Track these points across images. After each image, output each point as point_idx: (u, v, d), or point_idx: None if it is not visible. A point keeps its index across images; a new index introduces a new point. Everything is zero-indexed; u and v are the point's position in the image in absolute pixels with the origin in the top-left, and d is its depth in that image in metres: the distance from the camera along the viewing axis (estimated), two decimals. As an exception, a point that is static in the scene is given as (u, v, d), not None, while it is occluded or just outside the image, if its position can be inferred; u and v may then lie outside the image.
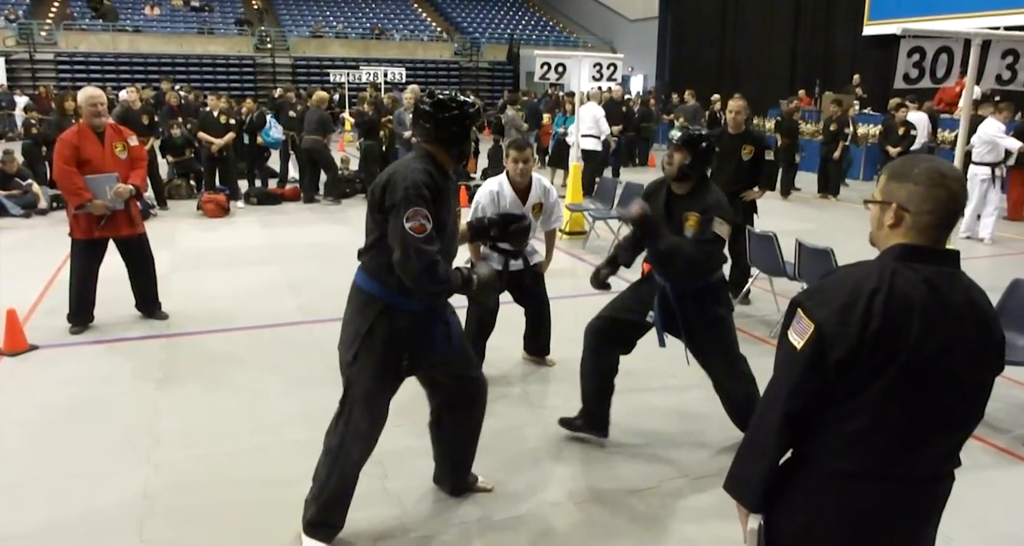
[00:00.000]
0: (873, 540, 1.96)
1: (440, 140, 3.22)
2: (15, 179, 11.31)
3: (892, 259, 1.89)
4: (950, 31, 5.42)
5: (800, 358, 1.87)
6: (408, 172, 3.08)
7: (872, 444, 1.89)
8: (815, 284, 1.98)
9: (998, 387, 5.16)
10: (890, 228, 1.92)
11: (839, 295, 1.86)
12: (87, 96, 6.03)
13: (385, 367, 3.26)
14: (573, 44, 34.22)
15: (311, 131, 12.25)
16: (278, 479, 4.02)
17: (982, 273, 8.95)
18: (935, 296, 1.83)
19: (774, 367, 1.99)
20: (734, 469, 2.08)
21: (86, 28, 30.10)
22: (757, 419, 2.02)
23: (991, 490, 4.04)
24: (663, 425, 4.71)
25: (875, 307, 1.80)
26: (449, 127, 3.20)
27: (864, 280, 1.85)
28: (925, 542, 2.06)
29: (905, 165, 1.93)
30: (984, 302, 1.93)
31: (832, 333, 1.82)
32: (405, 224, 2.97)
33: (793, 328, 1.91)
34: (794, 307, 1.93)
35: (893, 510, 1.93)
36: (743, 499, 2.05)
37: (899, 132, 12.65)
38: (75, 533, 3.54)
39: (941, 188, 1.86)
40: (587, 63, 10.23)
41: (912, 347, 1.80)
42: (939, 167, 1.90)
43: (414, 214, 2.98)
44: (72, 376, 5.36)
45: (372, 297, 3.21)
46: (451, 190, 3.29)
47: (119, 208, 6.08)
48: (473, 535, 3.57)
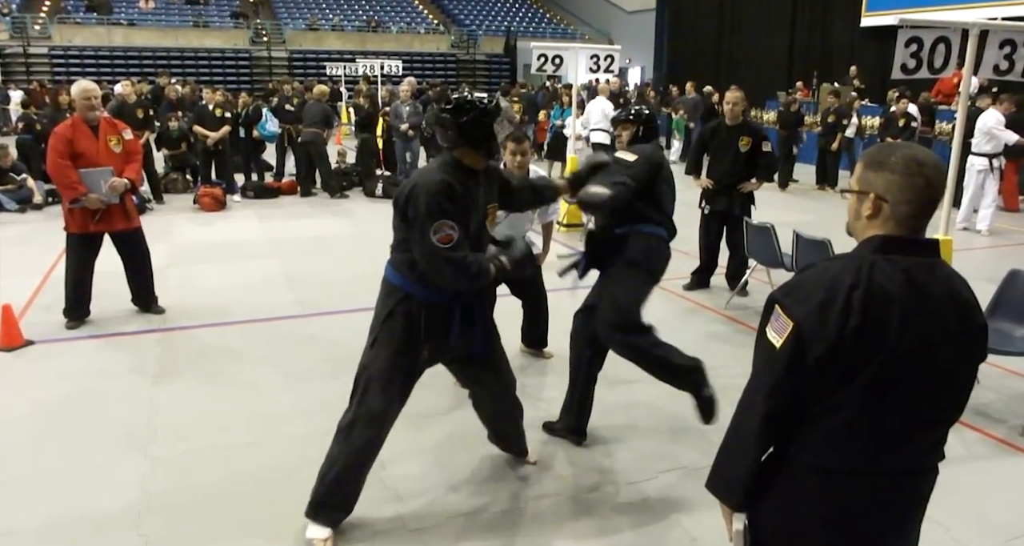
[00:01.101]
0: (858, 535, 1.94)
1: (466, 143, 3.27)
2: (9, 174, 11.27)
3: (870, 251, 1.85)
4: (948, 21, 5.39)
5: (779, 356, 1.84)
6: (428, 184, 3.15)
7: (855, 439, 1.86)
8: (792, 279, 1.94)
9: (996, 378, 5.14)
10: (868, 219, 1.88)
11: (817, 292, 1.82)
12: (81, 89, 6.01)
13: (401, 353, 3.34)
14: (570, 36, 34.11)
15: (312, 124, 12.22)
16: (276, 473, 4.02)
17: (979, 264, 8.97)
18: (914, 288, 1.81)
19: (753, 365, 1.96)
20: (716, 468, 2.06)
21: (80, 21, 29.97)
22: (738, 417, 1.99)
23: (989, 480, 4.05)
24: (660, 416, 4.71)
25: (854, 303, 1.77)
26: (471, 129, 3.23)
27: (842, 276, 1.81)
28: (910, 536, 2.04)
29: (881, 153, 1.89)
30: (964, 291, 1.90)
31: (811, 331, 1.79)
32: (432, 237, 3.08)
33: (771, 325, 1.87)
34: (771, 304, 1.89)
35: (878, 505, 1.91)
36: (726, 498, 2.03)
37: (899, 124, 12.62)
38: (73, 528, 3.54)
39: (919, 176, 1.82)
40: (584, 55, 10.20)
41: (892, 342, 1.78)
42: (916, 154, 1.85)
43: (440, 227, 3.08)
44: (69, 371, 5.34)
45: (394, 287, 3.37)
46: (479, 188, 3.35)
47: (114, 202, 6.05)
48: (471, 527, 3.57)
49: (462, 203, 3.20)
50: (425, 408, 4.78)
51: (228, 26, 32.26)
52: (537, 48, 10.26)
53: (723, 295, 7.20)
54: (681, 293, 7.31)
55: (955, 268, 1.99)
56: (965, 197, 10.43)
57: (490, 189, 3.47)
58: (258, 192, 12.47)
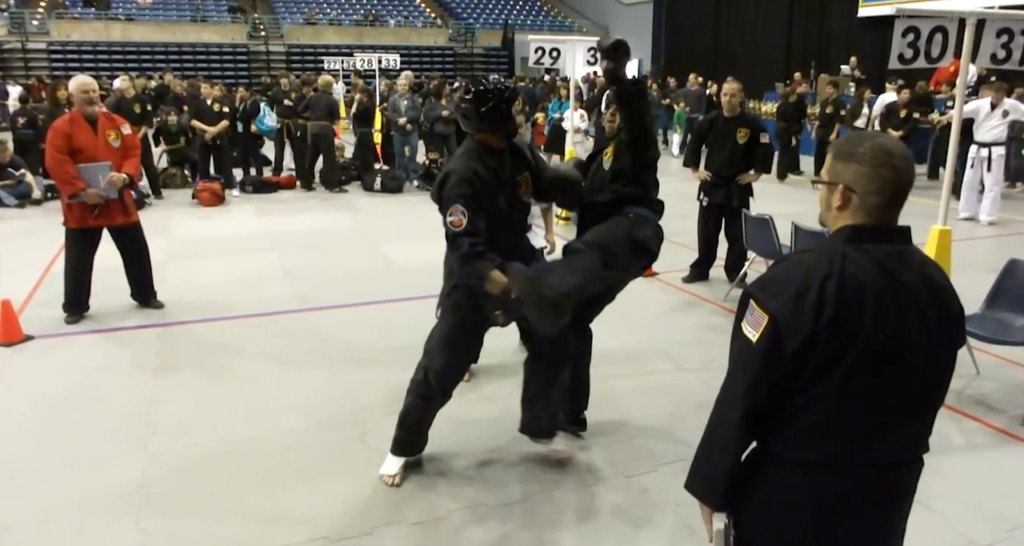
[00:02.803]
0: (843, 529, 1.92)
1: (487, 129, 3.57)
2: (8, 169, 11.25)
3: (842, 242, 1.85)
4: (945, 10, 5.39)
5: (756, 351, 1.83)
6: (453, 173, 3.53)
7: (836, 432, 1.85)
8: (766, 273, 1.94)
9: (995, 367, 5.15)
10: (838, 209, 1.88)
11: (791, 284, 1.81)
12: (79, 83, 6.00)
13: (466, 317, 3.72)
14: (568, 28, 34.07)
15: (319, 117, 12.21)
16: (274, 467, 4.02)
17: (980, 254, 8.94)
18: (887, 277, 1.80)
19: (729, 361, 1.94)
20: (696, 467, 2.03)
21: (78, 17, 29.90)
22: (716, 415, 1.96)
23: (988, 470, 4.05)
24: (658, 408, 4.71)
25: (827, 294, 1.76)
26: (491, 115, 3.53)
27: (815, 267, 1.81)
28: (896, 529, 2.02)
29: (850, 143, 1.89)
30: (939, 277, 1.90)
31: (786, 324, 1.78)
32: (447, 219, 3.47)
33: (747, 320, 1.86)
34: (746, 299, 1.88)
35: (862, 498, 1.90)
36: (707, 499, 2.00)
37: (900, 114, 12.60)
38: (72, 522, 3.55)
39: (887, 167, 1.82)
40: (581, 47, 10.17)
41: (868, 331, 1.77)
42: (884, 145, 1.84)
43: (453, 211, 3.45)
44: (68, 366, 5.35)
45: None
46: (505, 166, 3.66)
47: (112, 197, 6.05)
48: (470, 521, 3.58)
49: (488, 185, 3.53)
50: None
51: (226, 21, 32.21)
52: (535, 41, 10.24)
53: (722, 287, 7.19)
54: (680, 285, 7.31)
55: (956, 258, 2.00)
56: (965, 187, 10.42)
57: (516, 163, 3.74)
58: (257, 187, 12.46)
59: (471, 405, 4.74)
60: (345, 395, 4.88)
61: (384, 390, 4.88)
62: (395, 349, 5.55)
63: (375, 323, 6.15)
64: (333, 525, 3.51)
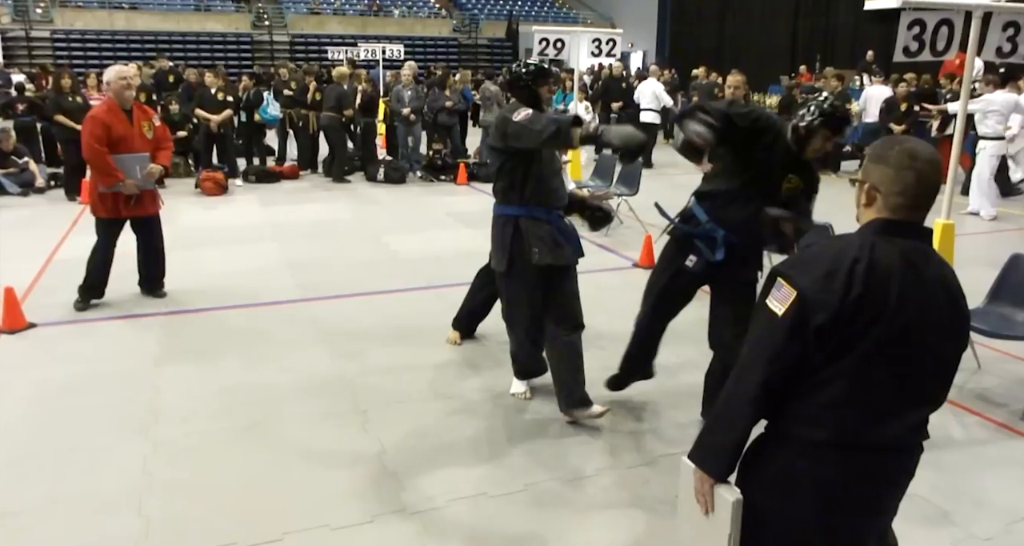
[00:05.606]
0: (848, 508, 2.00)
1: (524, 103, 4.19)
2: (11, 157, 11.25)
3: (871, 232, 1.95)
4: (951, 3, 5.36)
5: (781, 324, 1.90)
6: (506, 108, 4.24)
7: (845, 414, 1.93)
8: (794, 255, 2.05)
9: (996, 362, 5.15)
10: (864, 207, 2.02)
11: (822, 263, 1.91)
12: (116, 71, 6.09)
13: (524, 269, 4.23)
14: (572, 20, 33.93)
15: (329, 107, 12.20)
16: (276, 455, 4.03)
17: (982, 249, 8.91)
18: (911, 268, 1.90)
19: (748, 337, 2.00)
20: (703, 438, 2.10)
21: (82, 5, 29.81)
22: (731, 388, 2.03)
23: (989, 464, 4.05)
24: (660, 401, 4.71)
25: (857, 274, 1.86)
26: (523, 94, 4.27)
27: (846, 250, 1.91)
28: (892, 507, 2.12)
29: (884, 146, 2.01)
30: (954, 279, 2.00)
31: (815, 299, 1.86)
32: (517, 120, 3.99)
33: (773, 295, 1.94)
34: (774, 276, 1.96)
35: (865, 478, 1.99)
36: (711, 468, 2.06)
37: (901, 108, 12.55)
38: (74, 509, 3.56)
39: (909, 170, 1.92)
40: (586, 39, 10.16)
41: (890, 315, 1.86)
42: (912, 149, 1.95)
43: (518, 113, 4.03)
44: (71, 353, 5.36)
45: (507, 217, 4.27)
46: None
47: (149, 188, 6.17)
48: (470, 511, 3.58)
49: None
50: (426, 391, 4.79)
51: (230, 10, 32.10)
52: (539, 32, 10.24)
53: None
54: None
55: (958, 252, 2.08)
56: (974, 183, 10.39)
57: None
58: (260, 176, 12.45)
59: (471, 393, 4.75)
60: (346, 384, 4.89)
61: (385, 379, 4.89)
62: (397, 338, 5.56)
63: (377, 312, 6.16)
64: (334, 513, 3.52)
